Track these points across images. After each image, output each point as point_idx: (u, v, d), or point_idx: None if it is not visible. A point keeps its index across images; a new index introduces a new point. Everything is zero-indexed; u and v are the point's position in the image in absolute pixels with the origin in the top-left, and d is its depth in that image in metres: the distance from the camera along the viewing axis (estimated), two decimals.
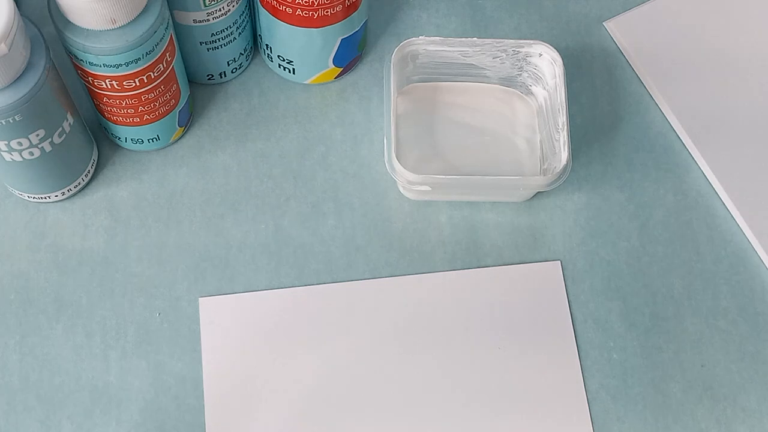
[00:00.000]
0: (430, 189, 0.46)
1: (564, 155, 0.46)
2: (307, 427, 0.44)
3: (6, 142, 0.42)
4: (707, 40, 0.54)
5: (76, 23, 0.41)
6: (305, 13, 0.46)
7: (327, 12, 0.46)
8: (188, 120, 0.50)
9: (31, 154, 0.43)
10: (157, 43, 0.43)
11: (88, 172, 0.48)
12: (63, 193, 0.48)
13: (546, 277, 0.48)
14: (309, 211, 0.49)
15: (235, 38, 0.49)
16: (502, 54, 0.49)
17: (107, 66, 0.42)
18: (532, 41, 0.48)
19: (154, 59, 0.43)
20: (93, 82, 0.44)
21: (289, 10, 0.46)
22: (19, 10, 0.39)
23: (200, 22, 0.47)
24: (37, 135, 0.42)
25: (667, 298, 0.48)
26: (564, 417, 0.45)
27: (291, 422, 0.45)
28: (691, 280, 0.48)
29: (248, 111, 0.51)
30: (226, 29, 0.48)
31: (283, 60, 0.50)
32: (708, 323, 0.47)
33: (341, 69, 0.51)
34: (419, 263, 0.48)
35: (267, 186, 0.50)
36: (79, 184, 0.48)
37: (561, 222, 0.49)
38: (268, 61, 0.52)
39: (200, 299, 0.47)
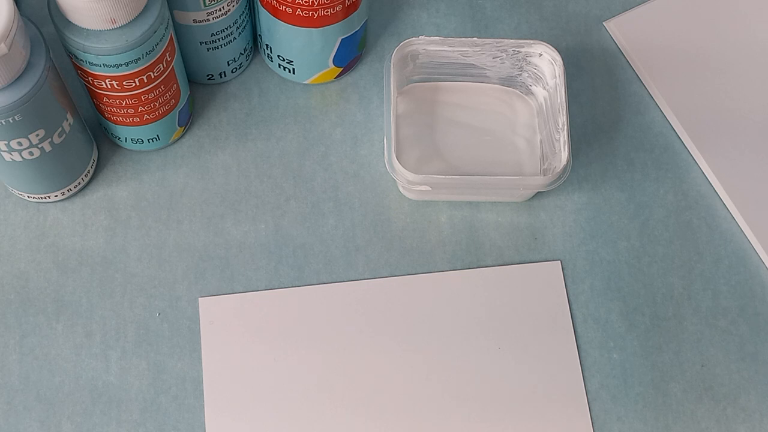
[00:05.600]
0: (430, 189, 0.46)
1: (564, 155, 0.46)
2: (307, 427, 0.44)
3: (6, 142, 0.42)
4: (707, 40, 0.54)
5: (76, 23, 0.41)
6: (305, 13, 0.46)
7: (327, 12, 0.46)
8: (188, 120, 0.50)
9: (31, 154, 0.43)
10: (157, 43, 0.43)
11: (88, 172, 0.48)
12: (63, 193, 0.48)
13: (546, 277, 0.48)
14: (309, 211, 0.49)
15: (235, 38, 0.49)
16: (502, 54, 0.49)
17: (107, 66, 0.42)
18: (532, 41, 0.48)
19: (154, 59, 0.43)
20: (93, 82, 0.44)
21: (289, 10, 0.46)
22: (19, 10, 0.39)
23: (200, 22, 0.47)
24: (37, 135, 0.42)
25: (667, 298, 0.48)
26: (564, 417, 0.45)
27: (291, 422, 0.45)
28: (691, 280, 0.48)
29: (248, 111, 0.51)
30: (226, 29, 0.48)
31: (283, 60, 0.50)
32: (708, 323, 0.47)
33: (341, 69, 0.51)
34: (419, 263, 0.48)
35: (267, 186, 0.50)
36: (79, 184, 0.48)
37: (561, 222, 0.49)
38: (268, 61, 0.52)
39: (200, 299, 0.47)
